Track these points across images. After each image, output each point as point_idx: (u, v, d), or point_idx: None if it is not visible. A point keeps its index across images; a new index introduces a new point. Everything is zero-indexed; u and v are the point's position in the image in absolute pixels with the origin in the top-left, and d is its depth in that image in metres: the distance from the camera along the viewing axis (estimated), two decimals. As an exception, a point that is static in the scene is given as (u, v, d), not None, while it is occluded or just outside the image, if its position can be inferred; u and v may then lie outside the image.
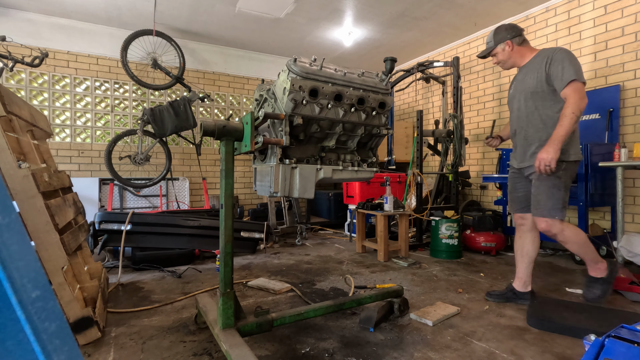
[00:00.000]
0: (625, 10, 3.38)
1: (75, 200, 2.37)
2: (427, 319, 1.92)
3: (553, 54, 1.98)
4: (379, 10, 4.16)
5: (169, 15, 4.33)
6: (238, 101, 5.67)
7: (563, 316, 1.88)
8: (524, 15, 4.23)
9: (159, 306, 2.18)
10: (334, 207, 5.28)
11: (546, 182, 2.00)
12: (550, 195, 1.98)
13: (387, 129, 1.78)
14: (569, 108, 1.86)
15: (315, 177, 1.57)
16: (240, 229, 3.32)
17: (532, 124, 2.07)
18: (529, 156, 2.09)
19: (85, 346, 1.66)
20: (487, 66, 4.71)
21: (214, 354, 1.61)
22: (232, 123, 1.48)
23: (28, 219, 1.57)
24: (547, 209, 1.99)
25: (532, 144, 2.08)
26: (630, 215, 3.36)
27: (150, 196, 4.70)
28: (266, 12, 4.22)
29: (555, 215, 1.98)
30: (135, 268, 2.98)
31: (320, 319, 1.97)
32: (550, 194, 1.98)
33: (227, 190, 1.50)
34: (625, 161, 2.80)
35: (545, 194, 1.99)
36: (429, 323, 1.90)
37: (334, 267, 3.07)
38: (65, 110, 4.50)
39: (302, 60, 1.49)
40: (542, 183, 2.01)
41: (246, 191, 5.69)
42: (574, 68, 1.90)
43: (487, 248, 3.50)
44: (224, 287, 1.49)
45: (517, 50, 2.14)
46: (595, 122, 3.54)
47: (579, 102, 1.85)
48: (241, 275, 2.82)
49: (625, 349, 0.96)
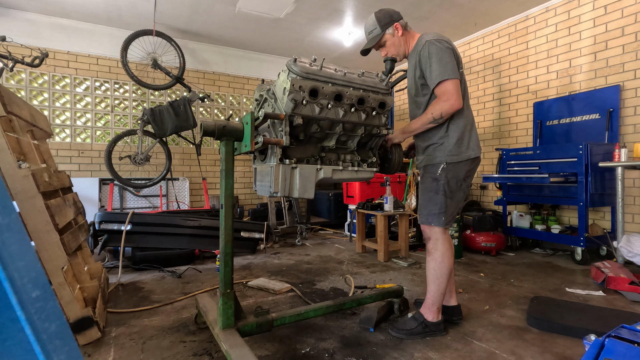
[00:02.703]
0: (625, 10, 3.38)
1: (75, 200, 2.37)
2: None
3: (421, 51, 1.73)
4: (379, 10, 4.15)
5: (169, 16, 4.33)
6: (238, 101, 5.67)
7: (563, 316, 1.88)
8: (523, 15, 4.23)
9: (159, 306, 2.18)
10: (334, 207, 5.28)
11: (425, 185, 1.82)
12: (429, 200, 1.79)
13: (387, 129, 1.78)
14: (432, 106, 1.69)
15: (315, 177, 1.57)
16: (240, 229, 3.32)
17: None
18: (421, 152, 1.90)
19: (85, 346, 1.66)
20: (487, 66, 4.71)
21: (214, 354, 1.61)
22: (232, 123, 1.48)
23: (28, 219, 1.57)
24: (424, 214, 1.81)
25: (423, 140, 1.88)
26: (630, 215, 3.36)
27: (150, 196, 4.70)
28: (266, 12, 4.22)
29: (432, 222, 1.77)
30: (135, 268, 2.98)
31: (321, 319, 1.97)
32: (428, 197, 1.79)
33: (227, 190, 1.50)
34: (625, 161, 2.80)
35: (424, 198, 1.82)
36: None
37: (334, 267, 3.07)
38: (65, 110, 4.50)
39: (302, 61, 1.49)
40: (422, 186, 1.84)
41: (246, 191, 5.69)
42: (439, 65, 1.66)
43: (487, 248, 3.50)
44: (224, 287, 1.49)
45: (405, 35, 1.85)
46: (595, 122, 3.55)
47: (443, 104, 1.66)
48: (241, 275, 2.82)
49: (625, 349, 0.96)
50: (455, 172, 1.76)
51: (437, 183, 1.76)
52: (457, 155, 1.74)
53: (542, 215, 3.74)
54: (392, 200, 3.41)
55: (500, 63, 4.55)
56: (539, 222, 3.65)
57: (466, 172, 1.78)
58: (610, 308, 2.05)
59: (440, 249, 1.77)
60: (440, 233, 1.78)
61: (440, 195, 1.75)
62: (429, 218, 1.78)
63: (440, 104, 1.67)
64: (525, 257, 3.45)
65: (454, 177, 1.76)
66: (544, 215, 3.72)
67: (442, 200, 1.75)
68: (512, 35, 4.40)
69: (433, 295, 1.79)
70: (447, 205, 1.76)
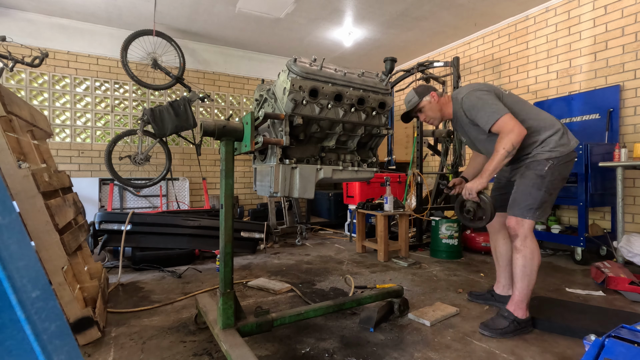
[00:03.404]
0: (625, 10, 3.38)
1: (75, 200, 2.37)
2: (425, 319, 1.92)
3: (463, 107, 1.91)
4: (379, 10, 4.16)
5: (169, 16, 4.33)
6: (238, 101, 5.67)
7: (563, 316, 1.88)
8: (523, 15, 4.23)
9: (159, 306, 2.18)
10: (334, 207, 5.28)
11: (527, 180, 1.84)
12: (528, 194, 1.81)
13: (387, 129, 1.78)
14: (499, 143, 1.77)
15: (315, 177, 1.57)
16: (240, 229, 3.32)
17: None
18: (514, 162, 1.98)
19: (85, 346, 1.66)
20: (487, 66, 4.71)
21: (214, 354, 1.61)
22: (232, 123, 1.48)
23: (28, 219, 1.57)
24: (519, 207, 1.82)
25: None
26: (630, 215, 3.36)
27: (150, 196, 4.70)
28: (266, 12, 4.22)
29: (526, 215, 1.80)
30: (135, 268, 2.98)
31: (321, 319, 1.97)
32: (527, 192, 1.81)
33: (227, 190, 1.50)
34: (625, 161, 2.80)
35: (522, 193, 1.83)
36: (426, 323, 1.90)
37: (334, 267, 3.07)
38: (65, 110, 4.50)
39: (302, 61, 1.49)
40: (522, 181, 1.85)
41: (246, 191, 5.69)
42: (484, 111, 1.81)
43: (488, 248, 3.50)
44: (224, 287, 1.49)
45: (441, 102, 2.05)
46: (595, 122, 3.55)
47: (510, 135, 1.73)
48: (241, 275, 2.82)
49: (625, 349, 0.96)
50: (562, 170, 1.81)
51: (541, 180, 1.79)
52: (559, 149, 1.79)
53: (542, 215, 3.73)
54: (392, 200, 3.41)
55: (500, 63, 4.55)
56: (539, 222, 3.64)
57: (568, 170, 1.85)
58: (610, 308, 2.05)
59: (530, 246, 1.80)
60: (529, 230, 1.81)
61: (541, 192, 1.79)
62: (525, 211, 1.80)
63: (507, 137, 1.73)
64: (525, 257, 3.44)
65: (559, 176, 1.81)
66: (544, 215, 3.72)
67: (542, 196, 1.79)
68: (512, 35, 4.40)
69: (522, 292, 1.81)
70: (544, 201, 1.80)
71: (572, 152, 1.84)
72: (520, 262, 1.81)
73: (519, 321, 1.79)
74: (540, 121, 1.85)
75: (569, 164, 1.84)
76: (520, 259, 1.81)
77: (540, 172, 1.80)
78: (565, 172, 1.84)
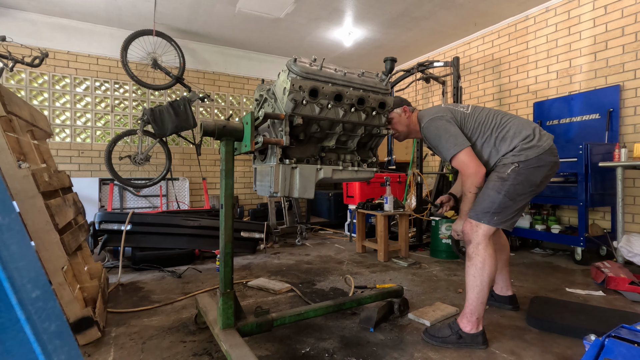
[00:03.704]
0: (625, 10, 3.38)
1: (75, 200, 2.37)
2: (425, 319, 1.92)
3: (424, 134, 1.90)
4: (379, 10, 4.16)
5: (169, 16, 4.33)
6: (238, 101, 5.67)
7: (563, 316, 1.88)
8: (523, 15, 4.23)
9: (159, 306, 2.18)
10: (334, 207, 5.28)
11: (488, 183, 1.75)
12: (486, 196, 1.71)
13: (387, 129, 1.78)
14: (464, 185, 1.75)
15: (315, 177, 1.57)
16: (240, 229, 3.32)
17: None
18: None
19: (85, 346, 1.66)
20: (487, 66, 4.71)
21: (214, 354, 1.61)
22: (232, 123, 1.48)
23: (28, 219, 1.57)
24: (475, 210, 1.72)
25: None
26: (630, 215, 3.36)
27: (150, 196, 4.70)
28: (266, 12, 4.22)
29: (482, 219, 1.68)
30: (135, 268, 2.98)
31: (321, 319, 1.97)
32: (486, 194, 1.72)
33: (227, 190, 1.50)
34: (625, 161, 2.80)
35: (482, 195, 1.74)
36: (427, 323, 1.90)
37: (334, 267, 3.07)
38: (65, 110, 4.50)
39: (302, 61, 1.49)
40: (485, 184, 1.76)
41: (246, 191, 5.69)
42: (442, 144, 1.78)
43: (487, 248, 3.49)
44: (224, 287, 1.49)
45: (411, 119, 1.99)
46: (595, 122, 3.55)
47: (470, 178, 1.71)
48: (241, 275, 2.82)
49: (625, 349, 0.96)
50: (528, 175, 1.69)
51: (502, 183, 1.69)
52: (530, 149, 1.69)
53: (542, 215, 3.73)
54: (392, 200, 3.41)
55: (500, 63, 4.55)
56: (538, 222, 3.64)
57: (543, 176, 1.72)
58: (610, 308, 2.05)
59: (482, 254, 1.66)
60: (484, 236, 1.67)
61: (500, 195, 1.68)
62: (480, 215, 1.69)
63: (470, 180, 1.72)
64: (525, 257, 3.45)
65: (526, 180, 1.68)
66: (543, 215, 3.72)
67: (501, 200, 1.67)
68: (512, 35, 4.40)
69: (472, 304, 1.67)
70: (503, 206, 1.67)
71: (543, 157, 1.70)
72: (471, 270, 1.68)
73: (462, 334, 1.66)
74: (506, 132, 1.77)
75: (540, 169, 1.70)
76: (470, 268, 1.68)
77: (502, 174, 1.71)
78: (535, 178, 1.70)
